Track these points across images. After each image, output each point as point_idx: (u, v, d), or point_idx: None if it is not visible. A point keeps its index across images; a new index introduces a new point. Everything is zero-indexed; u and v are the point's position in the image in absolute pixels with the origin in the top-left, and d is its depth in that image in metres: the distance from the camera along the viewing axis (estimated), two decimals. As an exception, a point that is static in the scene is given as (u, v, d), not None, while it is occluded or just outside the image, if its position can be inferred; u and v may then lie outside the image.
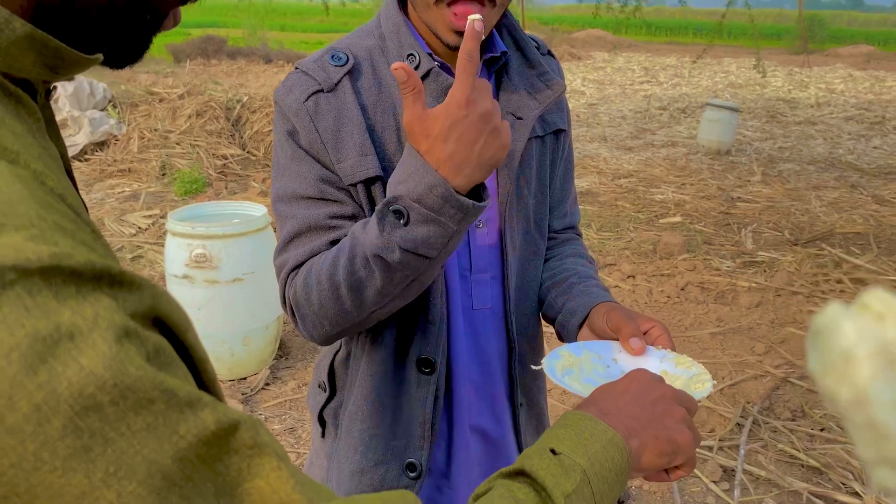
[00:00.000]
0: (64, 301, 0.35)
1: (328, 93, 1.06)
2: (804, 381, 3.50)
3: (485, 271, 1.16)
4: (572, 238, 1.34)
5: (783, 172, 8.03)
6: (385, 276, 0.94)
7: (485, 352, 1.19)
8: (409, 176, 0.89)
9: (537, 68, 1.17)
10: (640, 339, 1.00)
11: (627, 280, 4.74)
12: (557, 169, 1.27)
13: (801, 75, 18.17)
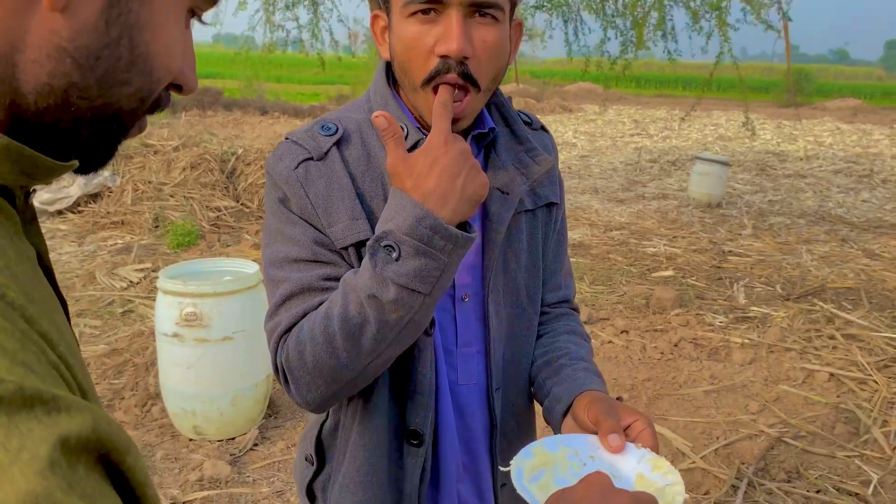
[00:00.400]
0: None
1: (318, 160, 1.08)
2: (799, 441, 3.47)
3: (470, 345, 1.16)
4: (567, 313, 1.32)
5: (774, 226, 8.09)
6: (380, 318, 0.95)
7: (470, 428, 1.18)
8: (396, 212, 0.93)
9: (525, 144, 1.18)
10: (620, 436, 0.97)
11: (621, 335, 4.73)
12: (550, 242, 1.27)
13: (789, 128, 18.44)
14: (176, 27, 0.56)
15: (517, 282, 1.19)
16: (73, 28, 0.50)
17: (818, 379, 4.14)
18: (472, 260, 1.15)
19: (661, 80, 39.59)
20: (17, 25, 0.48)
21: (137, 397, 3.62)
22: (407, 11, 1.01)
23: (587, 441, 1.00)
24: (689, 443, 3.44)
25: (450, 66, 1.00)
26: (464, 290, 1.15)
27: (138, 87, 0.55)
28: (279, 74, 31.21)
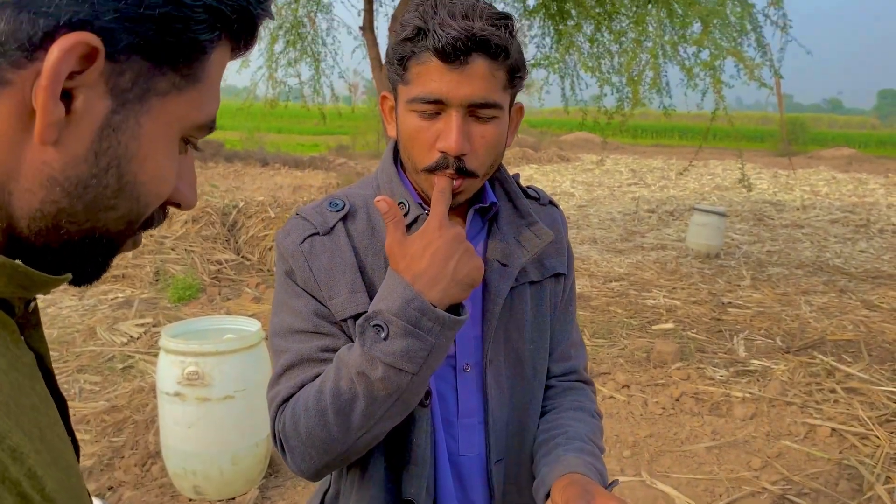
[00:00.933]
0: None
1: (323, 235, 1.14)
2: (802, 499, 3.45)
3: (471, 416, 1.18)
4: (575, 386, 1.33)
5: (772, 276, 8.12)
6: (369, 396, 0.99)
7: (470, 498, 1.20)
8: (388, 293, 0.98)
9: (526, 218, 1.22)
10: None
11: (622, 390, 4.72)
12: (556, 312, 1.30)
13: (785, 177, 18.63)
14: (166, 156, 0.59)
15: (520, 353, 1.21)
16: (64, 160, 0.53)
17: (820, 434, 4.13)
18: (473, 331, 1.18)
19: (657, 129, 40.07)
20: (13, 157, 0.52)
21: (137, 456, 3.60)
22: (411, 106, 1.07)
23: None
24: (693, 501, 3.42)
25: (448, 161, 1.06)
26: (465, 361, 1.17)
27: (125, 212, 0.58)
28: (280, 126, 31.58)
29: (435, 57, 1.03)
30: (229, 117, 21.61)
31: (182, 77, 0.57)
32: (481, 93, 1.04)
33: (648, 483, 3.57)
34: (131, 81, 0.54)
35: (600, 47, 6.41)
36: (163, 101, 0.56)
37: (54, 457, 0.54)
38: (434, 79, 1.04)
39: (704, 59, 5.57)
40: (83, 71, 0.51)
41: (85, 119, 0.53)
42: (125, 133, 0.55)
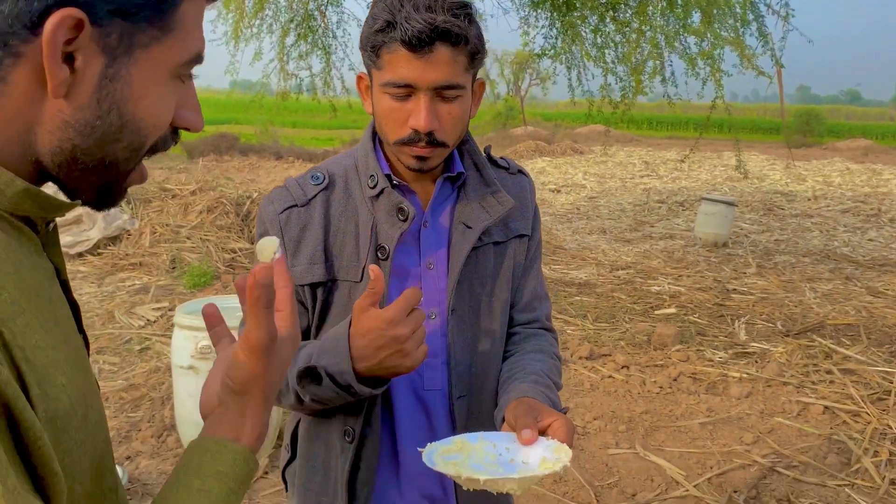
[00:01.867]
0: None
1: (301, 207, 1.33)
2: (791, 471, 3.57)
3: (435, 356, 1.35)
4: (538, 333, 1.48)
5: (778, 265, 8.20)
6: (297, 402, 1.28)
7: (435, 428, 1.36)
8: (333, 355, 1.20)
9: (491, 186, 1.38)
10: (531, 431, 1.12)
11: (621, 370, 4.85)
12: (519, 268, 1.45)
13: (799, 168, 18.59)
14: (158, 94, 0.72)
15: (482, 304, 1.38)
16: (73, 108, 0.67)
17: (813, 412, 4.25)
18: (439, 284, 1.34)
19: (672, 121, 39.95)
20: (34, 109, 0.67)
21: (154, 429, 3.79)
22: (384, 89, 1.23)
23: (506, 437, 1.16)
24: (683, 472, 3.55)
25: (420, 136, 1.23)
26: (430, 309, 1.34)
27: (128, 143, 0.72)
28: (294, 120, 31.83)
29: (403, 47, 1.18)
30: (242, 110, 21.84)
31: (158, 30, 0.69)
32: (446, 77, 1.20)
33: (642, 455, 3.71)
34: (117, 40, 0.67)
35: (604, 38, 6.51)
36: (146, 52, 0.69)
37: (66, 338, 0.69)
38: (403, 66, 1.19)
39: (704, 49, 5.67)
40: (76, 38, 0.64)
41: (86, 74, 0.67)
42: (119, 81, 0.68)
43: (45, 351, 0.64)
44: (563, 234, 9.81)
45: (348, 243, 1.31)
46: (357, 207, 1.33)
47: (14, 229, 0.68)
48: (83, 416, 0.68)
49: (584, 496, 3.36)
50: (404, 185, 1.33)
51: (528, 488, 1.15)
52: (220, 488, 0.76)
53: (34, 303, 0.65)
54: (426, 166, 1.28)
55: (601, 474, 3.56)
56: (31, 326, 0.63)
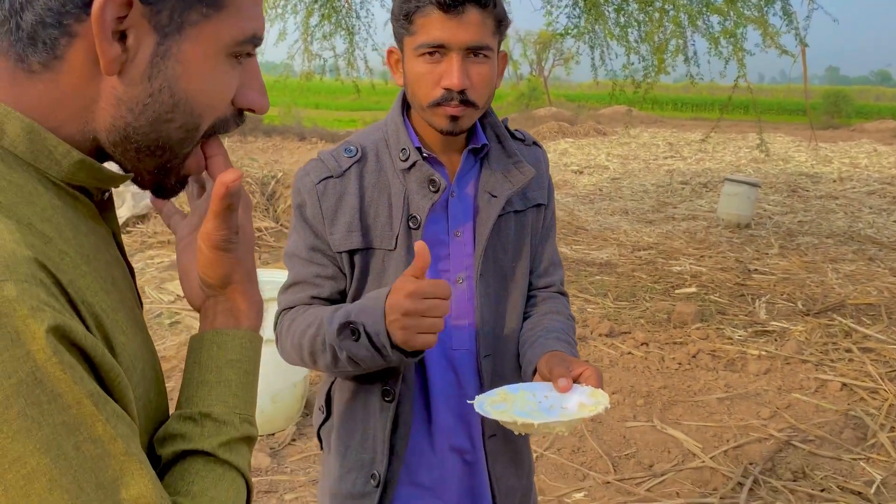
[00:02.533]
0: None
1: (336, 178, 1.40)
2: (807, 445, 3.63)
3: (463, 318, 1.43)
4: (553, 296, 1.58)
5: (801, 245, 8.18)
6: (332, 361, 1.31)
7: (463, 386, 1.44)
8: (373, 315, 1.23)
9: (513, 157, 1.46)
10: (567, 380, 1.23)
11: (640, 347, 4.92)
12: (538, 236, 1.54)
13: (825, 150, 18.38)
14: (211, 72, 0.72)
15: (505, 269, 1.47)
16: (126, 85, 0.69)
17: (831, 388, 4.29)
18: (466, 250, 1.42)
19: (697, 102, 39.55)
20: (90, 87, 0.69)
21: (185, 398, 3.92)
22: (418, 52, 1.31)
23: (543, 386, 1.27)
24: (700, 444, 3.62)
25: (453, 95, 1.31)
26: (458, 275, 1.43)
27: (182, 122, 0.73)
28: (317, 101, 31.92)
29: (436, 9, 1.27)
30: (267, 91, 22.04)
31: (208, 6, 0.70)
32: (476, 37, 1.29)
33: (659, 428, 3.79)
34: (168, 18, 0.68)
35: (627, 17, 6.52)
36: (197, 29, 0.70)
37: (122, 298, 0.74)
38: (436, 27, 1.28)
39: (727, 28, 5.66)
40: (126, 15, 0.66)
41: (138, 52, 0.68)
42: (170, 59, 0.70)
43: (106, 311, 0.68)
44: (584, 214, 9.84)
45: (381, 214, 1.39)
46: (389, 179, 1.40)
47: (69, 196, 0.72)
48: (141, 371, 0.72)
49: (601, 466, 3.45)
50: (433, 158, 1.41)
51: (574, 429, 1.29)
52: (237, 374, 0.80)
53: (93, 265, 0.69)
54: (457, 127, 1.35)
55: (619, 445, 3.64)
56: (93, 288, 0.67)
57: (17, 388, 0.55)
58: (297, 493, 3.16)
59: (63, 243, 0.66)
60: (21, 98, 0.68)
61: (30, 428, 0.56)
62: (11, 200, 0.64)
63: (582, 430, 3.75)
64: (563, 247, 7.79)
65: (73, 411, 0.58)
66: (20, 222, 0.63)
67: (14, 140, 0.67)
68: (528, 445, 1.60)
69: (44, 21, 0.66)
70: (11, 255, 0.58)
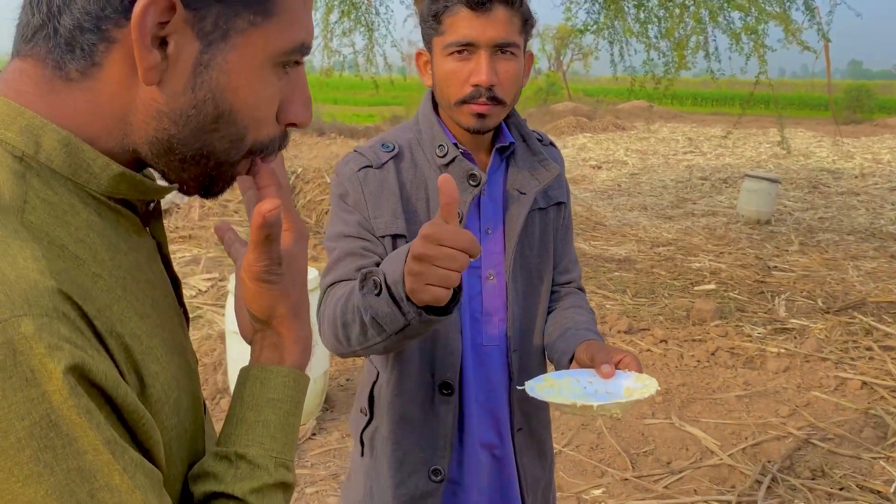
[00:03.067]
0: None
1: (376, 169, 1.41)
2: (826, 443, 3.63)
3: (493, 314, 1.46)
4: (574, 292, 1.62)
5: (822, 242, 8.13)
6: (361, 327, 1.19)
7: (491, 381, 1.47)
8: (396, 263, 1.10)
9: (538, 155, 1.49)
10: (610, 366, 1.27)
11: (659, 345, 4.92)
12: (559, 233, 1.57)
13: (847, 145, 18.19)
14: (257, 83, 0.68)
15: (530, 266, 1.49)
16: (167, 96, 0.65)
17: (850, 387, 4.27)
18: (496, 247, 1.45)
19: (717, 97, 39.24)
20: (128, 96, 0.65)
21: (207, 392, 3.98)
22: (447, 51, 1.34)
23: (586, 372, 1.31)
24: (718, 442, 3.63)
25: (481, 92, 1.34)
26: (488, 272, 1.46)
27: (226, 134, 0.69)
28: (336, 97, 32.04)
29: (464, 7, 1.30)
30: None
31: (256, 14, 0.66)
32: (504, 35, 1.32)
33: (677, 425, 3.79)
34: (213, 25, 0.64)
35: (647, 13, 6.50)
36: (244, 37, 0.66)
37: (162, 321, 0.70)
38: (465, 25, 1.31)
39: (748, 23, 5.63)
40: (168, 21, 0.62)
41: (179, 61, 0.64)
42: (215, 68, 0.66)
43: (140, 339, 0.64)
44: (603, 210, 9.82)
45: (420, 210, 1.41)
46: (426, 176, 1.42)
47: (111, 211, 0.68)
48: (175, 401, 0.68)
49: (620, 462, 3.46)
50: (468, 153, 1.44)
51: (627, 411, 1.35)
52: (276, 415, 0.76)
53: (130, 288, 0.66)
54: (484, 126, 1.38)
55: (637, 443, 3.65)
56: (127, 314, 0.63)
57: (31, 430, 0.53)
58: (317, 487, 3.20)
59: (97, 265, 0.63)
60: (58, 108, 0.65)
61: (42, 473, 0.53)
62: (43, 220, 0.61)
63: (601, 427, 3.76)
64: (581, 243, 7.79)
65: (89, 458, 0.55)
66: (52, 244, 0.60)
67: (50, 154, 0.64)
68: (550, 438, 1.63)
69: (82, 26, 0.63)
70: (33, 286, 0.55)
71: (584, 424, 3.80)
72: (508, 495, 1.53)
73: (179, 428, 0.69)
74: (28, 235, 0.58)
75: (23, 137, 0.63)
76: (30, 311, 0.53)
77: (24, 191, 0.61)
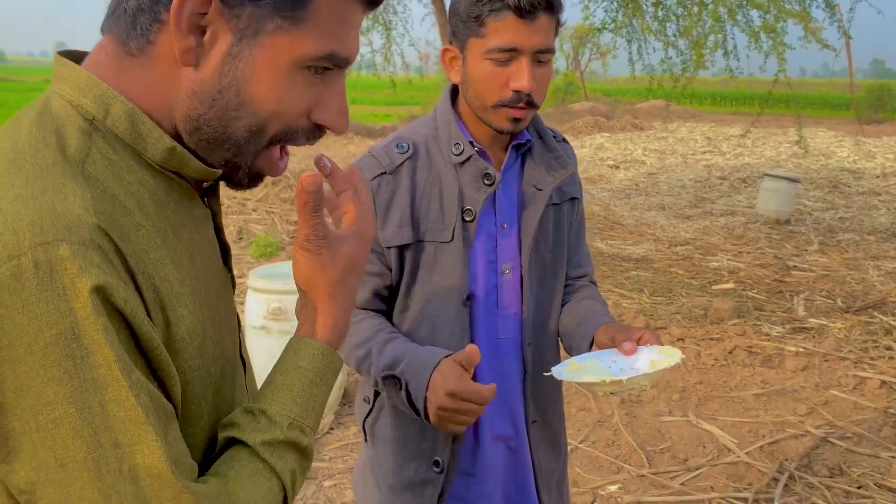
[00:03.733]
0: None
1: (389, 174, 1.43)
2: (844, 442, 3.61)
3: (509, 308, 1.48)
4: (587, 285, 1.64)
5: (842, 242, 8.06)
6: (373, 387, 1.45)
7: (506, 374, 1.49)
8: (417, 381, 1.31)
9: (553, 152, 1.51)
10: (631, 343, 1.29)
11: (676, 343, 4.91)
12: (573, 229, 1.58)
13: (868, 145, 18.01)
14: (278, 81, 0.75)
15: (545, 260, 1.51)
16: (199, 78, 0.74)
17: (870, 386, 4.25)
18: (511, 242, 1.47)
19: (736, 96, 38.96)
20: (173, 76, 0.74)
21: (227, 387, 4.03)
22: (488, 55, 1.35)
23: (609, 352, 1.33)
24: (735, 439, 3.62)
25: (521, 97, 1.35)
26: (504, 266, 1.47)
27: (246, 122, 0.76)
28: (353, 96, 32.13)
29: (512, 14, 1.30)
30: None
31: (286, 19, 0.73)
32: (545, 41, 1.34)
33: (694, 423, 3.79)
34: (246, 22, 0.72)
35: (665, 11, 6.48)
36: (271, 38, 0.73)
37: (198, 273, 0.78)
38: (511, 31, 1.32)
39: (767, 22, 5.61)
40: (206, 13, 0.71)
41: (213, 48, 0.73)
42: (241, 61, 0.73)
43: (171, 283, 0.72)
44: (620, 209, 9.79)
45: (433, 207, 1.43)
46: (440, 173, 1.44)
47: (164, 177, 0.77)
48: (199, 345, 0.75)
49: (636, 459, 3.47)
50: (483, 152, 1.46)
51: (657, 383, 1.38)
52: (301, 382, 0.81)
53: (170, 241, 0.74)
54: (518, 128, 1.41)
55: (653, 440, 3.65)
56: (163, 261, 0.72)
57: (57, 338, 0.61)
58: (335, 481, 3.24)
59: (142, 216, 0.71)
60: (125, 81, 0.74)
61: (61, 378, 0.61)
62: (100, 172, 0.71)
63: (617, 423, 3.77)
64: (598, 242, 7.78)
65: (102, 371, 0.63)
66: (104, 192, 0.69)
67: (116, 121, 0.73)
68: (564, 431, 1.65)
69: (141, 6, 0.73)
70: (76, 219, 0.64)
71: (600, 421, 3.81)
72: (523, 487, 1.55)
73: (202, 370, 0.76)
74: (84, 181, 0.68)
75: (95, 104, 0.73)
76: (68, 238, 0.62)
77: (88, 146, 0.71)
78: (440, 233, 1.42)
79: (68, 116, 0.72)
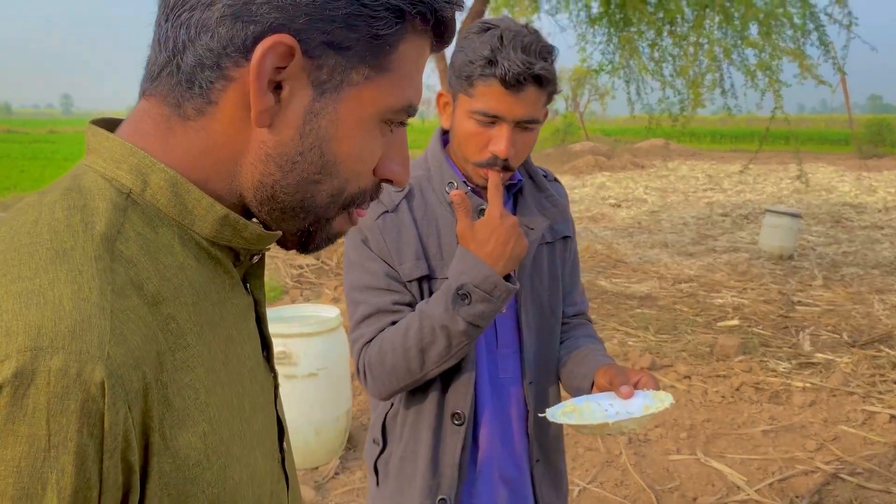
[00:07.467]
0: None
1: (392, 212, 1.45)
2: (855, 478, 3.57)
3: (508, 346, 1.49)
4: (583, 323, 1.66)
5: (846, 277, 8.06)
6: (446, 342, 1.32)
7: (507, 413, 1.49)
8: (468, 269, 1.30)
9: (545, 192, 1.54)
10: (628, 387, 1.30)
11: (683, 381, 4.89)
12: (566, 267, 1.60)
13: (869, 180, 18.10)
14: (363, 137, 0.68)
15: (542, 299, 1.53)
16: (276, 140, 0.65)
17: (879, 420, 4.21)
18: None
19: (736, 134, 39.26)
20: (240, 138, 0.65)
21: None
22: (472, 116, 1.37)
23: (606, 395, 1.35)
24: (745, 477, 3.58)
25: (497, 161, 1.38)
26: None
27: (328, 186, 0.68)
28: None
29: (498, 84, 1.33)
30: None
31: (371, 68, 0.66)
32: (530, 113, 1.36)
33: (703, 461, 3.76)
34: (328, 74, 0.64)
35: (662, 52, 6.58)
36: (356, 90, 0.66)
37: (232, 379, 0.67)
38: (495, 100, 1.34)
39: (762, 60, 5.69)
40: (286, 66, 0.62)
41: (291, 106, 0.64)
42: (325, 118, 0.65)
43: (196, 391, 0.61)
44: (623, 247, 9.82)
45: (433, 244, 1.45)
46: (436, 212, 1.47)
47: (210, 259, 0.67)
48: (221, 469, 0.64)
49: (645, 499, 3.43)
50: (476, 190, 1.48)
51: (644, 427, 1.43)
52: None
53: (205, 339, 0.64)
54: (504, 182, 1.44)
55: (662, 479, 3.62)
56: (190, 364, 0.61)
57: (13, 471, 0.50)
58: (341, 525, 3.20)
59: (175, 307, 0.62)
60: (172, 147, 0.65)
61: None
62: (133, 252, 0.61)
63: (625, 463, 3.73)
64: (602, 280, 7.78)
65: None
66: (131, 282, 0.59)
67: (156, 192, 0.64)
68: (565, 467, 1.64)
69: (202, 63, 0.63)
70: (85, 321, 0.54)
71: (608, 461, 3.78)
72: None
73: (221, 499, 0.64)
74: (109, 264, 0.58)
75: (132, 175, 0.64)
76: (67, 346, 0.52)
77: (121, 222, 0.62)
78: (440, 269, 1.44)
79: (99, 191, 0.63)
